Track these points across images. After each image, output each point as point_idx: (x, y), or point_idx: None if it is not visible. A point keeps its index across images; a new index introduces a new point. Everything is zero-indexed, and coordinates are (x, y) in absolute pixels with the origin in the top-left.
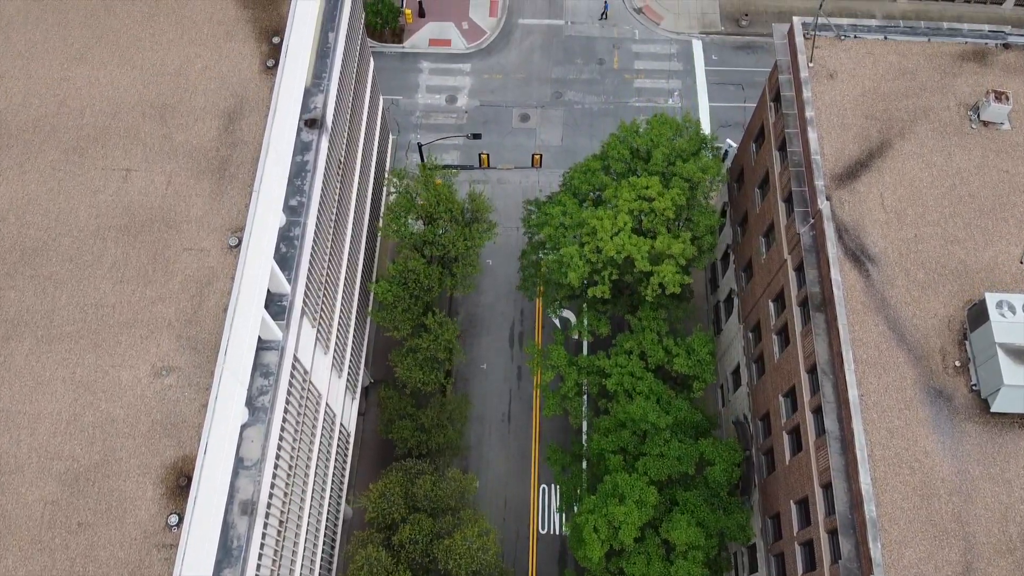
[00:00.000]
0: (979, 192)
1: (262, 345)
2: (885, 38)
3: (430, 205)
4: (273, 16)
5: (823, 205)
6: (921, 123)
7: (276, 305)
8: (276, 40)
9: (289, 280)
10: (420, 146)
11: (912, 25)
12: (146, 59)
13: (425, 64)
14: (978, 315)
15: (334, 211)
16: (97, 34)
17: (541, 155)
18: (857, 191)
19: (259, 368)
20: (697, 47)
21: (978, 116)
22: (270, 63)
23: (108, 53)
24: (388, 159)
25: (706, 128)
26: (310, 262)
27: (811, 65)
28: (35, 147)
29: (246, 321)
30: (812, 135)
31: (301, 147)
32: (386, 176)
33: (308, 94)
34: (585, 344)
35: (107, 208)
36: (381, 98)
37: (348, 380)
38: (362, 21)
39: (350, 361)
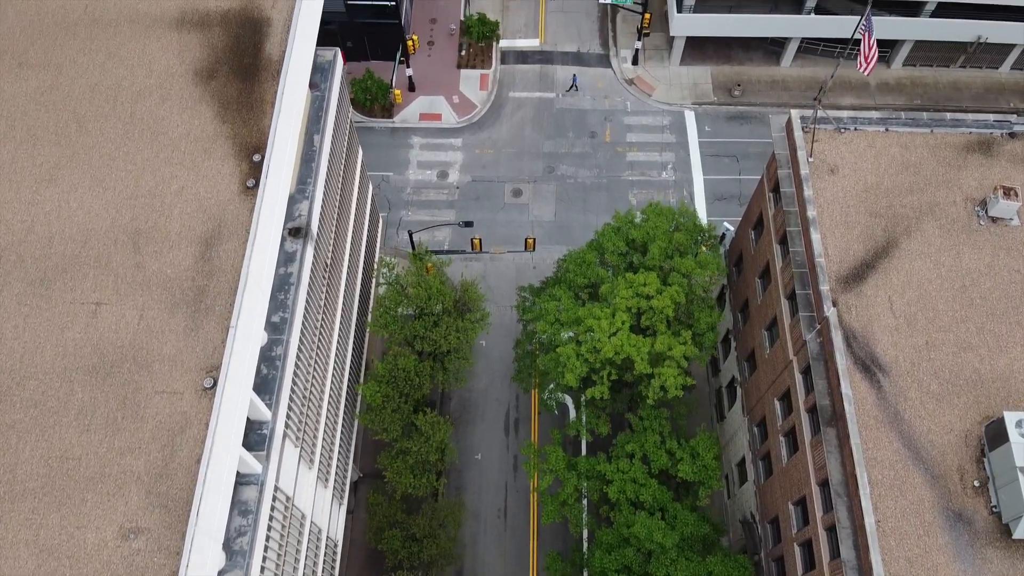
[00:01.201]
0: (990, 294)
1: (240, 480)
2: (887, 130)
3: (421, 299)
4: (254, 131)
5: (830, 312)
6: (927, 220)
7: (255, 434)
8: (257, 158)
9: (270, 406)
10: (411, 233)
11: (914, 116)
12: (119, 180)
13: (416, 139)
14: (996, 434)
15: (319, 319)
16: (68, 153)
17: (535, 238)
18: (864, 294)
19: (237, 506)
20: (690, 118)
21: (986, 212)
22: (250, 183)
23: (79, 174)
24: (378, 242)
25: (701, 201)
26: (293, 381)
27: (811, 160)
28: (0, 279)
29: (221, 473)
30: (815, 236)
31: (284, 258)
32: (375, 266)
33: (292, 201)
34: (584, 442)
35: (75, 347)
36: (370, 185)
37: (335, 486)
38: (349, 112)
39: (337, 467)
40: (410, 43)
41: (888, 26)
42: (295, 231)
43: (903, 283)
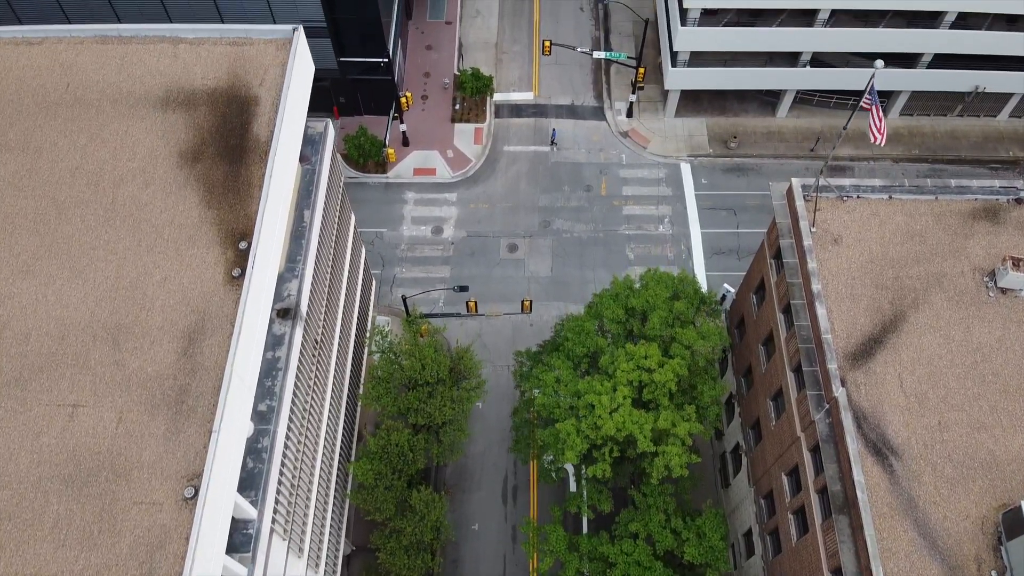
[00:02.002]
0: (1002, 370)
1: None
2: (890, 197)
3: (415, 370)
4: (240, 217)
5: (839, 392)
6: (935, 292)
7: (240, 535)
8: (243, 245)
9: (255, 503)
10: (404, 299)
11: (918, 184)
12: (100, 271)
13: (410, 194)
14: (1014, 523)
15: (308, 402)
16: (47, 243)
17: (531, 300)
18: (873, 372)
19: None
20: (686, 171)
21: (995, 283)
22: (236, 272)
23: (58, 265)
24: (371, 305)
25: (699, 256)
26: (280, 473)
27: (814, 230)
28: None
29: None
30: (821, 311)
31: (272, 341)
32: (368, 333)
33: (281, 280)
34: (585, 519)
35: (51, 453)
36: (363, 249)
37: (326, 570)
38: (341, 182)
39: (328, 549)
40: (403, 100)
41: (886, 78)
42: (284, 312)
43: (913, 359)
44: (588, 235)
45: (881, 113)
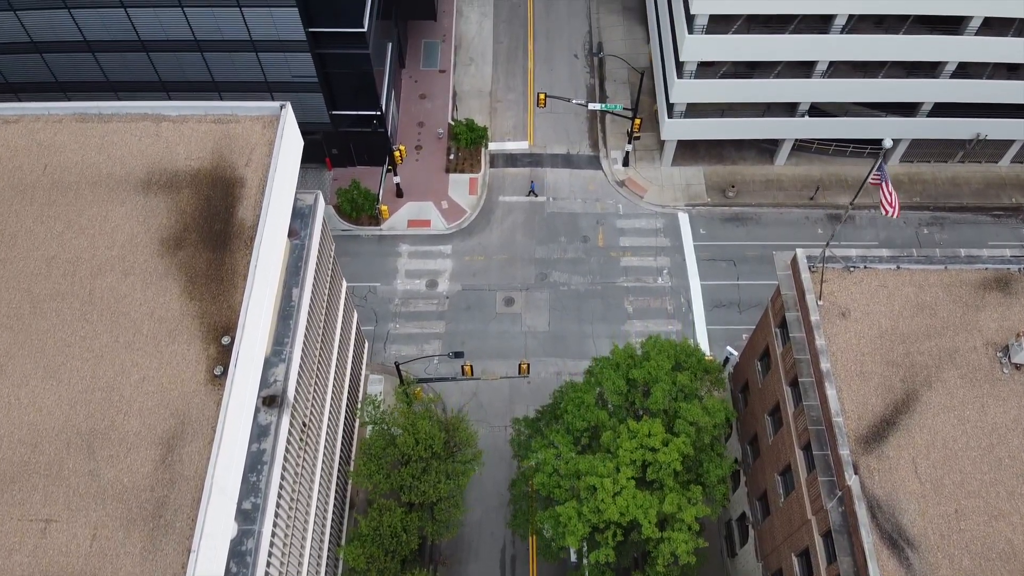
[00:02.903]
0: (1019, 453)
1: None
2: (898, 267)
3: (408, 446)
4: (224, 309)
5: (852, 481)
6: (948, 368)
7: None
8: (226, 340)
9: None
10: (398, 365)
11: (927, 254)
12: (75, 371)
13: (404, 247)
14: None
15: (295, 491)
16: (21, 339)
17: (528, 363)
18: (887, 456)
19: None
20: (684, 220)
21: (1009, 359)
22: (218, 371)
23: (32, 364)
24: (363, 369)
25: (699, 309)
26: (266, 573)
27: (821, 304)
28: None
29: None
30: (831, 392)
31: (257, 432)
32: (359, 403)
33: (267, 364)
34: None
35: (22, 574)
36: (355, 314)
37: None
38: (332, 254)
39: None
40: (397, 153)
41: (885, 127)
42: (270, 400)
43: (927, 443)
44: (586, 288)
45: (891, 187)
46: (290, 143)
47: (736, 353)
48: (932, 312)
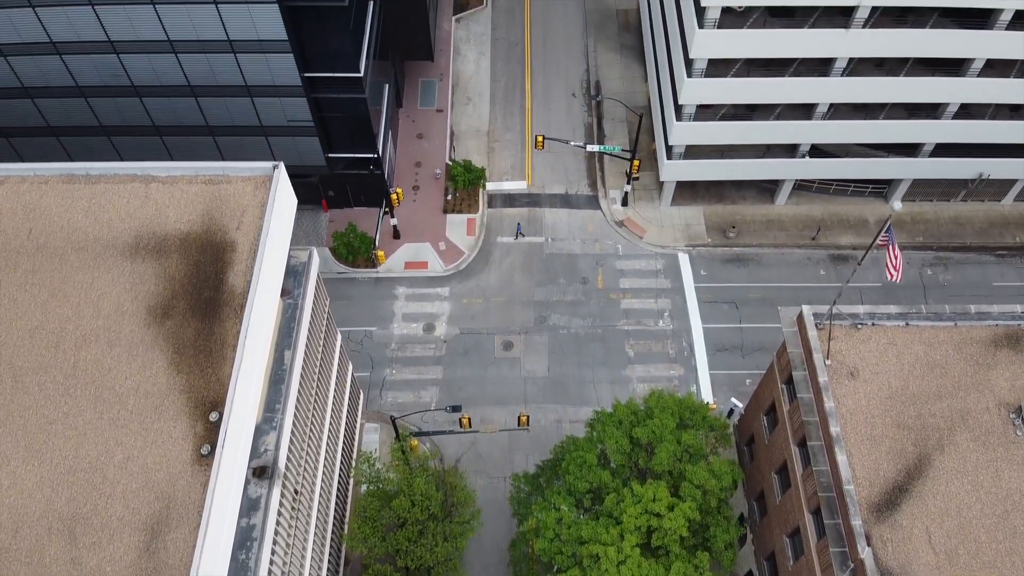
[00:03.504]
0: None
1: None
2: (907, 324)
3: (403, 508)
4: (212, 382)
5: (865, 553)
6: (960, 431)
7: None
8: (214, 417)
9: None
10: (393, 419)
11: (936, 311)
12: (57, 449)
13: (401, 289)
14: None
15: (287, 567)
16: (2, 416)
17: (528, 416)
18: (900, 525)
19: None
20: (684, 261)
21: (1022, 420)
22: (205, 450)
23: (12, 443)
24: (357, 422)
25: (702, 353)
26: None
27: (829, 363)
28: None
29: None
30: (841, 458)
31: (247, 506)
32: (353, 461)
33: (258, 432)
34: None
35: None
36: (351, 367)
37: None
38: (326, 310)
39: None
40: (394, 196)
41: (887, 167)
42: (260, 471)
43: (940, 510)
44: (586, 331)
45: (898, 250)
46: (283, 205)
47: (741, 405)
48: (943, 371)
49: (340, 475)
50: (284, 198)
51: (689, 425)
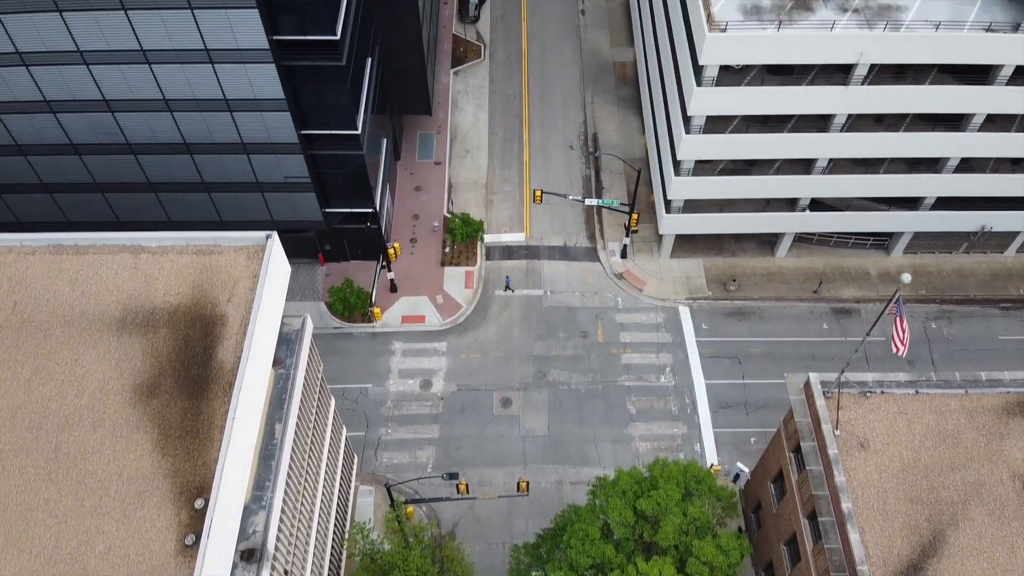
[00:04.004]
0: None
1: None
2: (916, 392)
3: None
4: (198, 466)
5: None
6: (975, 505)
7: None
8: (199, 504)
9: None
10: (388, 487)
11: (947, 378)
12: (37, 538)
13: (397, 345)
14: None
15: None
16: None
17: (528, 481)
18: None
19: None
20: (685, 315)
21: None
22: (189, 540)
23: None
24: (351, 483)
25: (705, 410)
26: None
27: (838, 434)
28: None
29: None
30: (854, 536)
31: None
32: (346, 532)
33: (246, 512)
34: None
35: None
36: (344, 431)
37: None
38: (320, 372)
39: None
40: (391, 251)
41: (888, 220)
42: (248, 554)
43: None
44: (586, 387)
45: (906, 324)
46: (276, 276)
47: (747, 470)
48: (955, 441)
49: (333, 547)
50: (277, 269)
51: (695, 494)
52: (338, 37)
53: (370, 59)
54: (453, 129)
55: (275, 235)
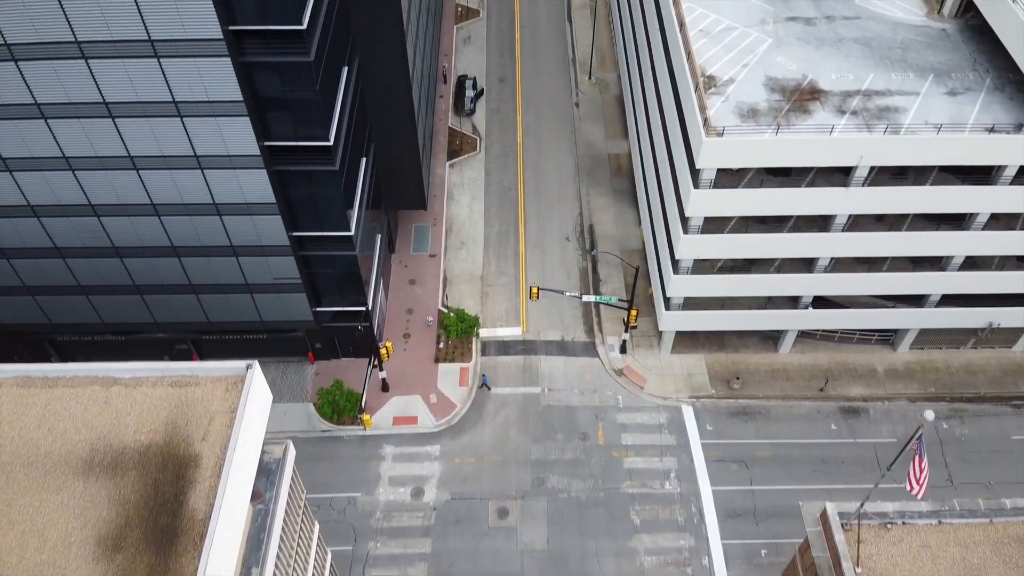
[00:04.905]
0: None
1: None
2: (939, 523)
3: None
4: None
5: None
6: None
7: None
8: None
9: None
10: None
11: (971, 508)
12: None
13: (388, 448)
14: None
15: None
16: None
17: None
18: None
19: None
20: (688, 415)
21: None
22: None
23: None
24: None
25: (712, 520)
26: None
27: (859, 571)
28: None
29: None
30: None
31: None
32: None
33: None
34: None
35: None
36: (328, 554)
37: None
38: (303, 498)
39: None
40: (383, 351)
41: (893, 318)
42: None
43: None
44: (587, 495)
45: (924, 464)
46: (254, 411)
47: None
48: None
49: None
50: (257, 402)
51: None
52: (331, 143)
53: (365, 159)
54: (449, 221)
55: (256, 365)
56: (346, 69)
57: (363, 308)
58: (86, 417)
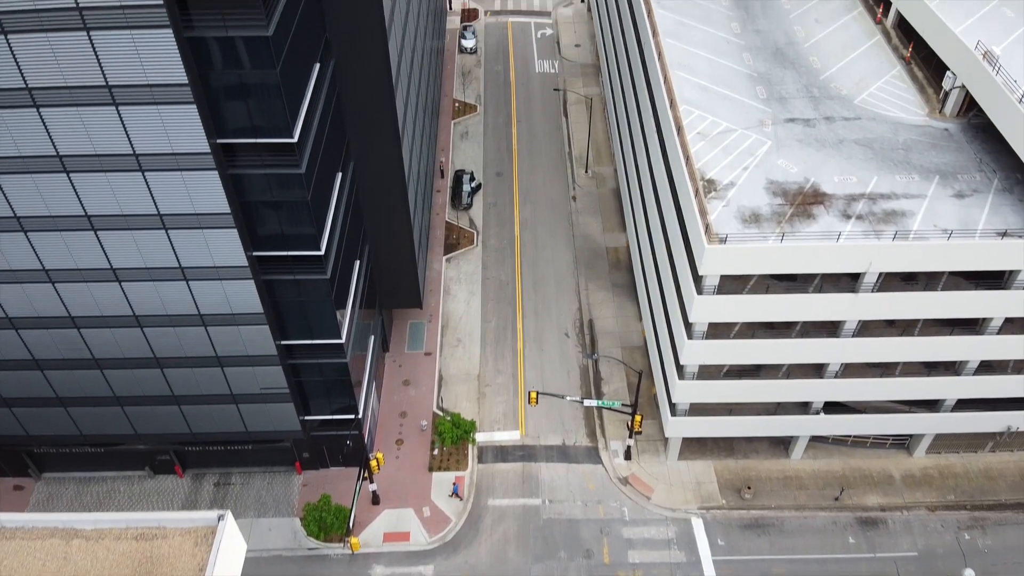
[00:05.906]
0: None
1: None
2: None
3: None
4: None
5: None
6: None
7: None
8: None
9: None
10: None
11: None
12: None
13: (378, 569)
14: None
15: None
16: None
17: None
18: None
19: None
20: (698, 528)
21: None
22: None
23: None
24: None
25: None
26: None
27: None
28: None
29: None
30: None
31: None
32: None
33: None
34: None
35: None
36: None
37: None
38: None
39: None
40: (374, 462)
41: (908, 422)
42: None
43: None
44: None
45: None
46: (227, 566)
47: None
48: None
49: None
50: (229, 558)
51: None
52: (323, 252)
53: (358, 262)
54: (445, 317)
55: (228, 516)
56: (340, 175)
57: (352, 416)
58: (43, 574)
